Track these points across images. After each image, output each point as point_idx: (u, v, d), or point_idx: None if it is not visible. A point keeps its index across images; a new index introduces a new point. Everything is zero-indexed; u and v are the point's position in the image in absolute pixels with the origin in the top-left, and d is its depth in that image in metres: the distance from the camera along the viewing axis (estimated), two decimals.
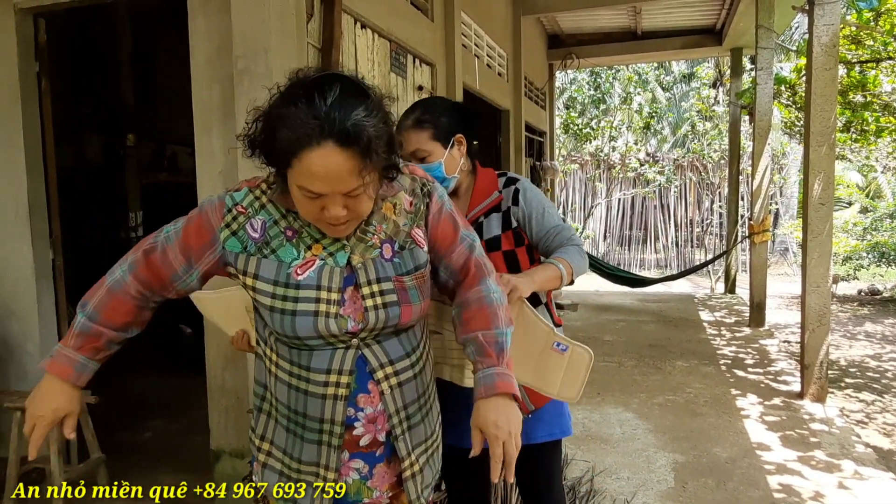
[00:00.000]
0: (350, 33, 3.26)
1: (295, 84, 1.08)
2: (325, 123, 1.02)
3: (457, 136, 1.70)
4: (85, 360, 1.22)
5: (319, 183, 1.04)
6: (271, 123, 1.06)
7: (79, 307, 1.25)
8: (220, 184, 2.65)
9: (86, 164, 5.48)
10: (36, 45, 3.12)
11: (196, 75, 2.69)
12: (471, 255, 1.31)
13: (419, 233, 1.24)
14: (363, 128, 1.03)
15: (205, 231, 1.19)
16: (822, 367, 4.20)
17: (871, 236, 10.04)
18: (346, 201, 1.08)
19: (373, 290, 1.17)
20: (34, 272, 3.12)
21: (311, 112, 1.02)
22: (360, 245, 1.19)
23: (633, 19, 8.18)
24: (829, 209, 4.16)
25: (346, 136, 1.02)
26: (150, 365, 5.21)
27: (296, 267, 1.16)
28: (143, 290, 1.23)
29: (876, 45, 5.99)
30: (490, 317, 1.26)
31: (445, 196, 1.32)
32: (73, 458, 3.18)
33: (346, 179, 1.05)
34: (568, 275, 1.62)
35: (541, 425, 1.71)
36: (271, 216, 1.19)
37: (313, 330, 1.14)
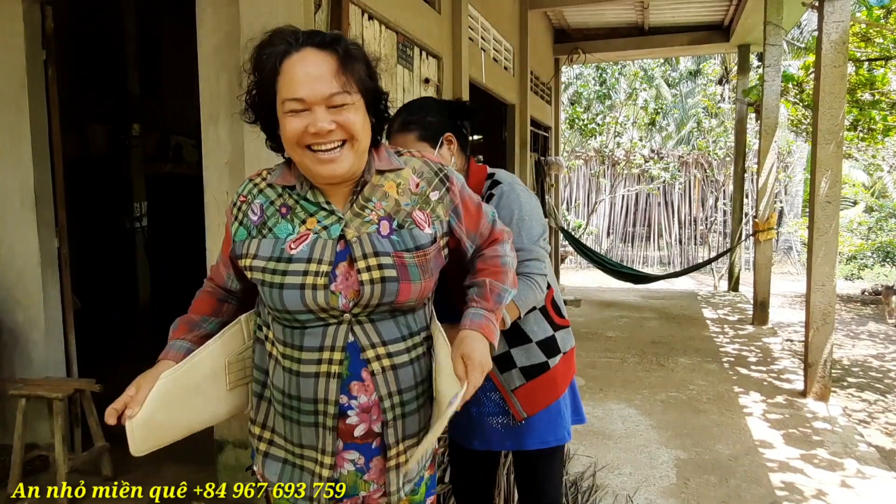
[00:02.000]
0: (357, 24, 3.25)
1: None
2: (301, 36, 1.12)
3: (445, 135, 1.66)
4: (180, 341, 1.32)
5: (300, 86, 1.09)
6: (257, 54, 1.15)
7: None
8: (227, 174, 2.65)
9: (91, 153, 5.48)
10: (43, 32, 3.12)
11: (203, 65, 2.68)
12: (493, 226, 1.36)
13: (420, 215, 1.22)
14: (340, 37, 1.13)
15: (228, 237, 1.29)
16: (825, 366, 4.19)
17: (875, 235, 10.01)
18: (332, 115, 1.11)
19: (369, 264, 1.15)
20: (40, 260, 3.13)
21: (289, 30, 1.14)
22: (357, 220, 1.18)
23: (640, 14, 8.14)
24: (835, 207, 4.15)
25: (324, 40, 1.12)
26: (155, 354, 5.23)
27: (290, 242, 1.17)
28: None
29: (885, 42, 5.95)
30: (502, 273, 1.31)
31: (461, 178, 1.32)
32: (77, 447, 3.19)
33: (326, 80, 1.10)
34: (512, 315, 1.49)
35: (533, 433, 1.68)
36: (268, 198, 1.23)
37: (301, 303, 1.13)
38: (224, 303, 1.37)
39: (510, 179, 1.66)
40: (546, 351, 1.66)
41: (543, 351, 1.66)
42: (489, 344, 1.21)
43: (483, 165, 1.73)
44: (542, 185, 8.00)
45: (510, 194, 1.60)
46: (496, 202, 1.59)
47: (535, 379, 1.65)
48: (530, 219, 1.58)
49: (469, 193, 1.33)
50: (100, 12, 5.39)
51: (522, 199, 1.60)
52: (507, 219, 1.56)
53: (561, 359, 1.69)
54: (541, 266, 1.55)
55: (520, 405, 1.64)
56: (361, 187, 1.21)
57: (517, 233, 1.54)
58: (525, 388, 1.65)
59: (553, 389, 1.67)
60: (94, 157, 5.50)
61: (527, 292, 1.52)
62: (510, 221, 1.56)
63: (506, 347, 1.65)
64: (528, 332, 1.65)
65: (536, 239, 1.57)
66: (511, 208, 1.58)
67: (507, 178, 1.66)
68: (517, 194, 1.60)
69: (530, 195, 1.65)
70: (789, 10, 6.26)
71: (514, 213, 1.57)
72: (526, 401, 1.64)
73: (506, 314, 1.45)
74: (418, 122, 1.64)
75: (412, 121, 1.65)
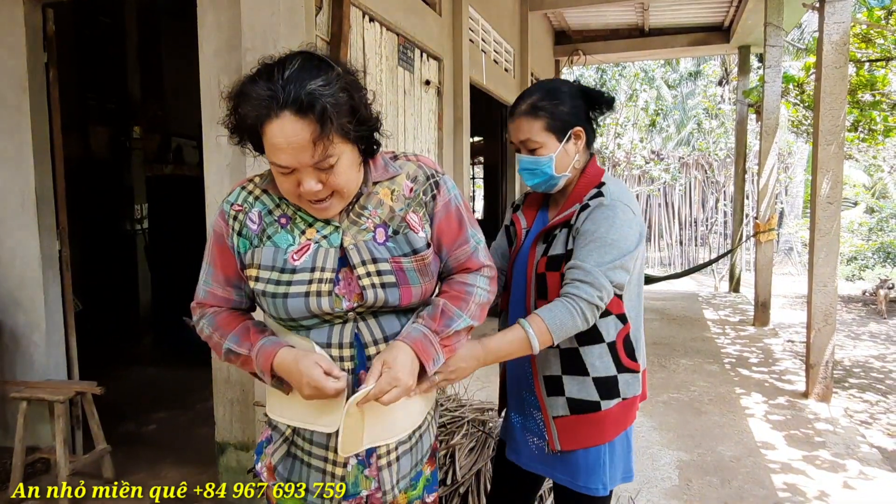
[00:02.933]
0: (358, 26, 3.25)
1: (260, 65, 1.12)
2: (279, 94, 1.04)
3: (575, 129, 1.50)
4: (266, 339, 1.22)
5: (283, 155, 1.06)
6: (235, 104, 1.10)
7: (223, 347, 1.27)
8: (228, 176, 2.65)
9: (92, 155, 5.49)
10: (44, 35, 3.12)
11: (204, 68, 2.68)
12: (472, 255, 1.31)
13: (414, 218, 1.23)
14: (318, 96, 1.04)
15: (227, 251, 1.24)
16: (827, 367, 4.18)
17: (876, 236, 10.00)
18: (320, 175, 1.10)
19: (368, 270, 1.17)
20: (41, 263, 3.12)
21: (268, 85, 1.05)
22: (353, 228, 1.20)
23: (641, 16, 8.14)
24: (836, 208, 4.14)
25: (300, 104, 1.03)
26: (156, 357, 5.23)
27: (292, 252, 1.18)
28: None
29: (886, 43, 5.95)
30: (462, 299, 1.27)
31: (456, 190, 1.30)
32: (78, 449, 3.19)
33: (307, 150, 1.05)
34: (541, 341, 1.33)
35: (565, 468, 1.51)
36: (265, 206, 1.22)
37: (306, 310, 1.16)
38: (246, 314, 1.31)
39: (616, 195, 1.45)
40: (602, 391, 1.47)
41: (599, 390, 1.46)
42: (420, 364, 1.17)
43: (601, 170, 1.55)
44: None
45: (604, 211, 1.41)
46: (587, 214, 1.43)
47: (580, 415, 1.47)
48: (608, 244, 1.38)
49: (458, 208, 1.29)
50: (101, 14, 5.40)
51: (615, 220, 1.40)
52: (588, 233, 1.40)
53: (618, 404, 1.48)
54: (592, 293, 1.34)
55: (557, 435, 1.49)
56: (357, 198, 1.22)
57: (587, 251, 1.38)
58: (567, 420, 1.48)
59: (599, 433, 1.48)
60: (95, 160, 5.51)
61: (563, 316, 1.34)
62: (589, 237, 1.39)
63: (559, 371, 1.49)
64: (587, 363, 1.46)
65: (604, 265, 1.36)
66: (596, 224, 1.40)
67: (612, 193, 1.45)
68: (612, 213, 1.41)
69: (629, 220, 1.42)
70: (790, 12, 6.26)
71: (596, 230, 1.40)
72: (565, 433, 1.48)
73: (533, 338, 1.32)
74: (549, 111, 1.48)
75: (543, 107, 1.48)
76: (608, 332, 1.46)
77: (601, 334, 1.46)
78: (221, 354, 1.25)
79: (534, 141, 1.49)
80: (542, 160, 1.50)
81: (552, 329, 1.33)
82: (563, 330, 1.34)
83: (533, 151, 1.51)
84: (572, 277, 1.38)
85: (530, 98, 1.50)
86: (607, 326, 1.46)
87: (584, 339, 1.46)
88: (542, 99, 1.49)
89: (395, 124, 3.76)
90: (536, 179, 1.54)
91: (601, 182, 1.50)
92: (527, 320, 1.35)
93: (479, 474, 2.38)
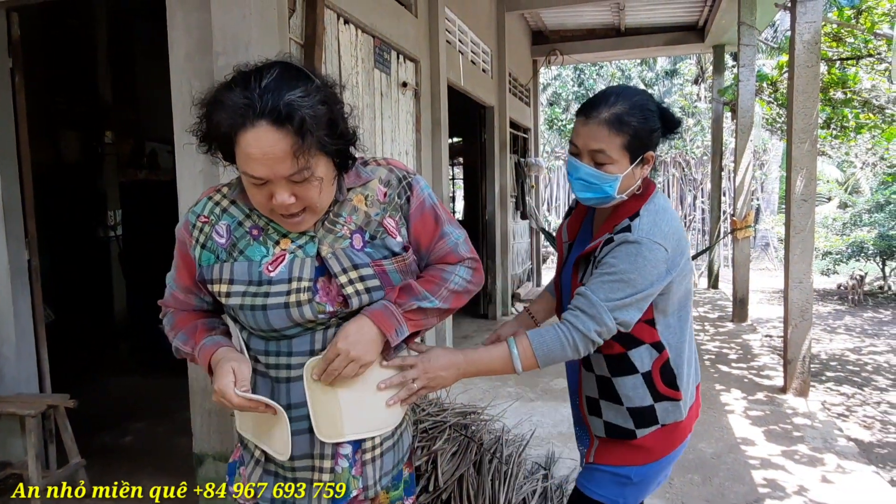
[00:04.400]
0: (333, 29, 3.21)
1: (235, 72, 1.08)
2: (256, 103, 1.00)
3: (648, 154, 1.39)
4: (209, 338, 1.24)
5: (257, 165, 1.03)
6: (208, 111, 1.06)
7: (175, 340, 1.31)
8: (201, 182, 2.60)
9: (62, 161, 5.37)
10: (9, 40, 3.04)
11: (175, 72, 2.63)
12: (451, 251, 1.30)
13: (391, 222, 1.22)
14: (297, 107, 1.01)
15: (189, 260, 1.23)
16: (804, 362, 4.24)
17: (850, 231, 10.19)
18: (293, 188, 1.07)
19: (351, 278, 1.16)
20: (9, 273, 3.04)
21: (244, 94, 1.01)
22: (329, 236, 1.18)
23: (617, 16, 8.20)
24: (811, 205, 4.20)
25: (278, 115, 1.00)
26: (132, 366, 5.14)
27: (266, 264, 1.15)
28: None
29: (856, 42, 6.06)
30: (434, 283, 1.26)
31: (429, 189, 1.29)
32: (52, 464, 3.11)
33: (284, 161, 1.02)
34: (525, 364, 1.30)
35: (591, 478, 1.48)
36: (234, 218, 1.19)
37: (288, 319, 1.14)
38: (206, 314, 1.33)
39: (645, 231, 1.33)
40: (637, 420, 1.41)
41: (634, 419, 1.41)
42: (378, 332, 1.17)
43: (641, 199, 1.41)
44: (523, 186, 8.01)
45: (628, 248, 1.31)
46: (610, 248, 1.34)
47: (616, 439, 1.44)
48: (624, 281, 1.30)
49: (433, 207, 1.28)
50: (70, 17, 5.29)
51: (638, 259, 1.30)
52: (607, 266, 1.32)
53: (655, 431, 1.42)
54: (590, 326, 1.29)
55: (595, 450, 1.48)
56: (332, 205, 1.20)
57: (599, 282, 1.31)
58: (604, 440, 1.47)
59: (633, 456, 1.43)
60: (66, 165, 5.40)
61: (553, 343, 1.30)
62: (606, 269, 1.32)
63: (596, 394, 1.45)
64: (620, 394, 1.41)
65: (613, 301, 1.29)
66: (617, 259, 1.31)
67: (642, 229, 1.33)
68: (636, 251, 1.31)
69: (655, 259, 1.31)
70: (762, 11, 6.34)
71: (616, 265, 1.31)
72: (601, 451, 1.47)
73: (516, 359, 1.29)
74: (634, 128, 1.35)
75: (629, 122, 1.34)
76: (642, 362, 1.39)
77: (634, 365, 1.39)
78: (175, 352, 1.29)
79: (608, 155, 1.35)
80: (608, 177, 1.37)
81: (538, 354, 1.30)
82: (549, 357, 1.30)
83: (600, 165, 1.36)
84: (576, 304, 1.32)
85: (616, 107, 1.35)
86: (640, 357, 1.39)
87: (615, 369, 1.40)
88: (630, 113, 1.35)
89: (373, 127, 3.73)
90: (590, 194, 1.40)
91: (636, 213, 1.37)
92: (515, 339, 1.32)
93: (461, 480, 2.36)
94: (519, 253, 8.23)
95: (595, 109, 1.36)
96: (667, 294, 1.37)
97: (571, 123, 12.73)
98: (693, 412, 1.50)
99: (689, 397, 1.46)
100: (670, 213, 1.40)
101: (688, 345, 1.45)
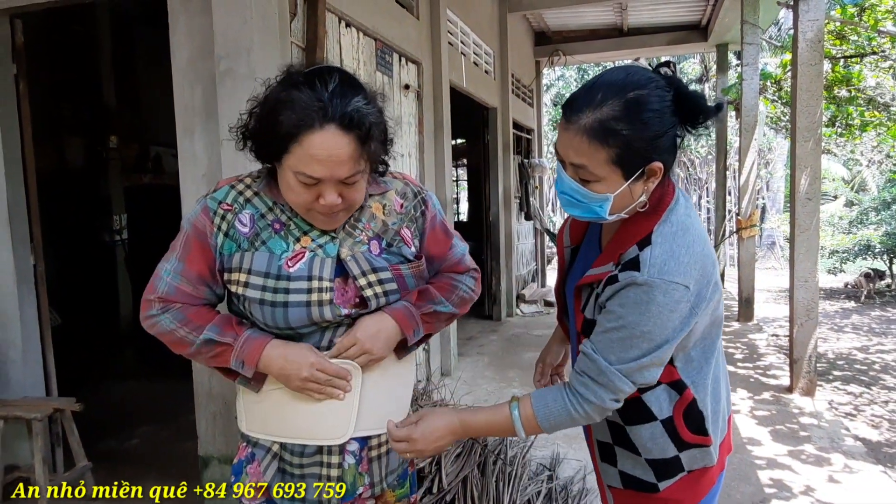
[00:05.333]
0: (335, 32, 3.22)
1: (293, 73, 1.11)
2: (328, 107, 1.04)
3: (652, 165, 1.06)
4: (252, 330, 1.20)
5: (319, 167, 1.06)
6: (272, 108, 1.08)
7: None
8: (204, 186, 2.61)
9: (67, 166, 5.40)
10: (13, 46, 3.06)
11: (177, 76, 2.64)
12: (459, 261, 1.38)
13: (407, 233, 1.27)
14: (364, 114, 1.07)
15: (207, 248, 1.18)
16: (810, 362, 4.22)
17: (856, 229, 10.14)
18: (341, 189, 1.11)
19: (370, 280, 1.19)
20: (15, 278, 3.05)
21: (315, 96, 1.05)
22: (349, 239, 1.21)
23: (619, 16, 8.19)
24: (815, 204, 4.18)
25: (349, 120, 1.05)
26: (138, 370, 5.15)
27: (286, 259, 1.16)
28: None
29: (860, 39, 6.03)
30: (447, 290, 1.33)
31: (439, 205, 1.36)
32: (58, 467, 3.13)
33: (346, 164, 1.07)
34: (528, 430, 1.14)
35: None
36: (258, 209, 1.20)
37: (307, 318, 1.16)
38: (216, 309, 1.27)
39: (658, 268, 1.04)
40: (659, 471, 1.18)
41: (655, 471, 1.18)
42: (397, 331, 1.23)
43: (653, 216, 1.11)
44: (527, 187, 8.01)
45: (636, 293, 1.04)
46: (614, 290, 1.07)
47: (634, 491, 1.22)
48: (637, 336, 1.05)
49: (443, 221, 1.35)
50: (74, 23, 5.32)
51: (650, 307, 1.03)
52: (613, 316, 1.07)
53: (681, 479, 1.18)
54: (603, 396, 1.08)
55: (612, 500, 1.28)
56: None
57: (608, 340, 1.08)
58: (621, 492, 1.25)
59: None
60: (71, 170, 5.43)
61: (560, 413, 1.12)
62: (614, 321, 1.07)
63: (610, 439, 1.23)
64: (637, 444, 1.18)
65: (627, 363, 1.06)
66: (625, 309, 1.05)
67: (654, 265, 1.05)
68: (647, 298, 1.04)
69: (671, 303, 1.04)
70: (765, 10, 6.33)
71: (624, 316, 1.06)
72: (617, 501, 1.27)
73: (519, 426, 1.14)
74: (624, 139, 1.03)
75: (617, 131, 1.02)
76: (660, 407, 1.15)
77: (651, 411, 1.15)
78: (188, 348, 1.18)
79: (591, 172, 1.07)
80: (594, 196, 1.09)
81: (543, 425, 1.13)
82: (556, 426, 1.13)
83: (585, 182, 1.09)
84: (583, 369, 1.10)
85: (601, 109, 1.03)
86: (658, 401, 1.15)
87: (628, 416, 1.17)
88: (619, 117, 1.02)
89: None
90: (578, 212, 1.14)
91: (648, 237, 1.08)
92: (519, 403, 1.15)
93: (465, 481, 2.36)
94: (523, 254, 8.22)
95: (576, 111, 1.05)
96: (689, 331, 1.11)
97: None
98: (725, 447, 1.27)
99: (719, 435, 1.22)
100: (692, 234, 1.09)
101: (715, 377, 1.20)
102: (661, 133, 1.05)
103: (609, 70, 1.09)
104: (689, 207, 1.15)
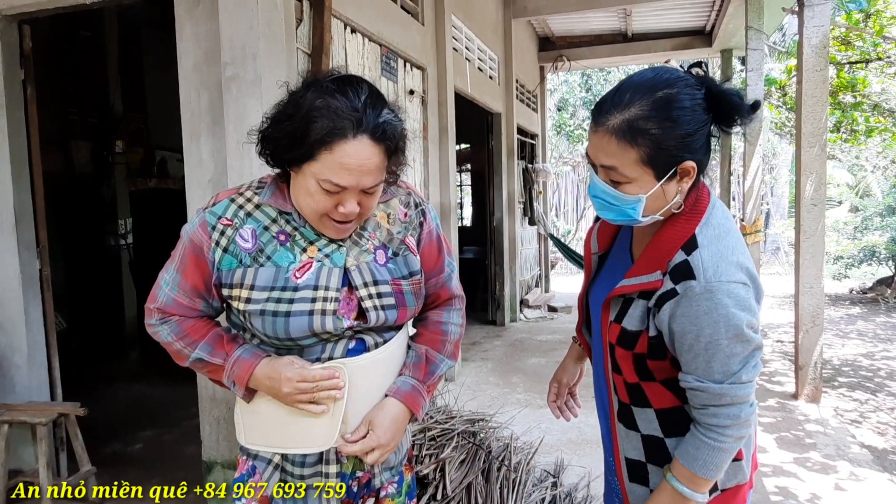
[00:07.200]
0: (340, 38, 3.24)
1: (321, 80, 1.10)
2: (363, 117, 1.06)
3: (684, 165, 1.04)
4: (242, 349, 1.20)
5: (347, 175, 1.07)
6: (307, 113, 1.06)
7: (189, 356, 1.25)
8: (210, 191, 2.61)
9: (73, 170, 5.43)
10: (21, 52, 3.08)
11: (184, 82, 2.65)
12: (447, 284, 1.37)
13: (411, 241, 1.27)
14: (395, 127, 1.10)
15: (203, 263, 1.17)
16: (816, 368, 4.20)
17: (861, 235, 10.10)
18: (361, 198, 1.12)
19: (370, 293, 1.19)
20: (21, 282, 3.07)
21: (350, 105, 1.05)
22: (355, 248, 1.21)
23: (624, 21, 8.19)
24: (821, 210, 4.17)
25: (382, 132, 1.08)
26: (142, 374, 5.16)
27: (294, 270, 1.15)
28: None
29: (865, 45, 6.03)
30: (440, 341, 1.33)
31: (437, 219, 1.36)
32: (62, 471, 3.13)
33: (372, 174, 1.09)
34: (697, 486, 1.08)
35: None
36: (260, 222, 1.17)
37: (308, 329, 1.14)
38: (212, 321, 1.27)
39: (711, 273, 1.02)
40: None
41: None
42: (409, 413, 1.25)
43: (693, 218, 1.09)
44: (531, 192, 8.01)
45: (700, 304, 1.01)
46: (674, 306, 1.03)
47: None
48: (726, 344, 1.02)
49: (439, 236, 1.35)
50: (81, 28, 5.36)
51: (720, 312, 1.01)
52: (690, 338, 1.03)
53: (714, 500, 1.16)
54: (736, 413, 1.05)
55: None
56: None
57: (704, 364, 1.03)
58: None
59: None
60: (77, 175, 5.45)
61: (713, 456, 1.06)
62: (695, 343, 1.03)
63: (642, 457, 1.19)
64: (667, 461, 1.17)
65: (735, 373, 1.04)
66: (697, 327, 1.02)
67: (706, 271, 1.02)
68: (713, 305, 1.01)
69: (740, 301, 1.02)
70: (770, 15, 6.32)
71: (700, 334, 1.02)
72: None
73: (687, 491, 1.08)
74: (654, 138, 1.01)
75: (646, 131, 1.01)
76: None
77: (689, 424, 1.14)
78: (185, 361, 1.23)
79: (622, 174, 1.05)
80: (627, 199, 1.07)
81: (704, 474, 1.07)
82: (718, 467, 1.08)
83: (616, 184, 1.07)
84: (702, 403, 1.06)
85: (630, 109, 1.02)
86: None
87: (670, 427, 1.14)
88: (649, 116, 1.01)
89: None
90: (612, 215, 1.13)
91: (692, 239, 1.06)
92: (673, 472, 1.10)
93: (469, 488, 2.36)
94: (527, 259, 8.21)
95: (604, 113, 1.04)
96: None
97: (579, 129, 12.66)
98: (754, 464, 1.25)
99: (751, 451, 1.21)
100: (733, 237, 1.08)
101: None
102: (692, 132, 1.03)
103: (638, 72, 1.09)
104: (726, 211, 1.15)
